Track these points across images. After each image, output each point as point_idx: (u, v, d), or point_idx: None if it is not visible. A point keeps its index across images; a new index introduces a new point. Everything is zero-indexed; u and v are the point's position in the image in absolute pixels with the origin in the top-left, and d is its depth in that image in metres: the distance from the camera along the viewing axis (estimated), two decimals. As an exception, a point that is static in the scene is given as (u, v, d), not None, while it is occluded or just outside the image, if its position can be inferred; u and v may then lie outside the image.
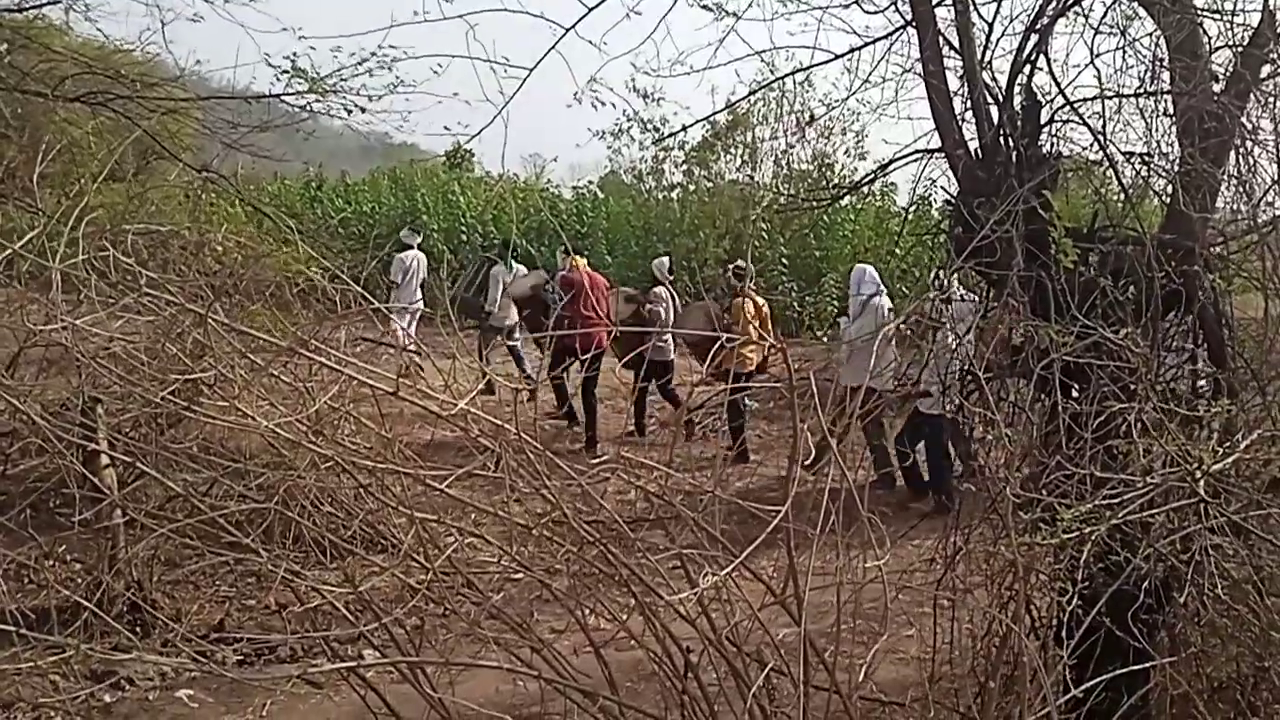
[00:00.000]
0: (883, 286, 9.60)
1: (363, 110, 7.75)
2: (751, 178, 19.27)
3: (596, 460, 3.19)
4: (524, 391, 5.47)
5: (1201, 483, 3.32)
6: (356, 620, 3.46)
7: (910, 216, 6.85)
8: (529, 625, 3.45)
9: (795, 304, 17.01)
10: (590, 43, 5.27)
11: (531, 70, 4.63)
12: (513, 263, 12.36)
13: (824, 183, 17.71)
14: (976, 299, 7.51)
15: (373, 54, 7.15)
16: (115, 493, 5.25)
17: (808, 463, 3.05)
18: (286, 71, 7.54)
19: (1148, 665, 3.69)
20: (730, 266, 10.85)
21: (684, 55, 5.54)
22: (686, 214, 19.25)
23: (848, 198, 19.27)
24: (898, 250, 14.81)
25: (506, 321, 12.08)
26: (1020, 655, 3.34)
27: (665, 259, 11.57)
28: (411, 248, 13.21)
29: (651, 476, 3.19)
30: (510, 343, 12.25)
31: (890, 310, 9.13)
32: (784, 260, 17.84)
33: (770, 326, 10.40)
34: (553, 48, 4.59)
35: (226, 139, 8.22)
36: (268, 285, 6.56)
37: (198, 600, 5.99)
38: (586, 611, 3.49)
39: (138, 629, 5.28)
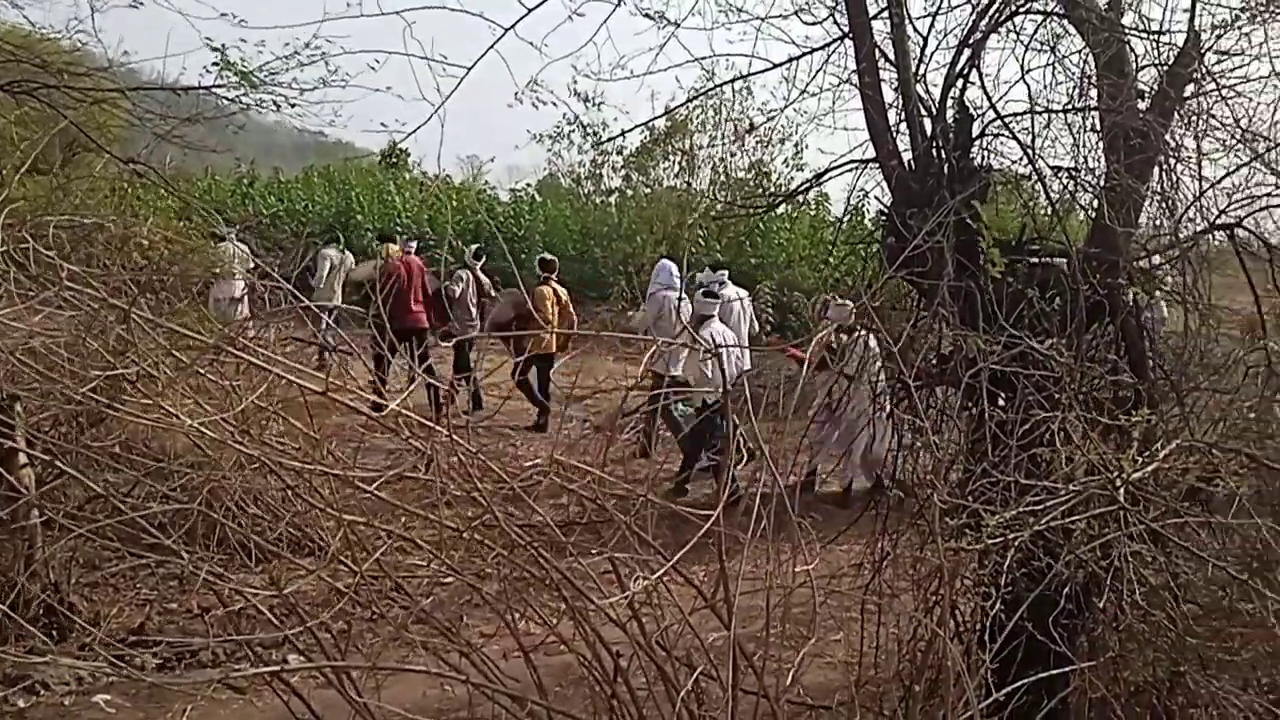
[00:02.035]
0: (676, 282, 10.88)
1: (292, 105, 7.62)
2: (689, 184, 19.37)
3: (529, 463, 3.16)
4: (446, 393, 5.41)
5: (1121, 491, 3.39)
6: (281, 624, 3.39)
7: (844, 225, 6.90)
8: (457, 629, 3.42)
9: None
10: (530, 44, 5.27)
11: (469, 69, 4.61)
12: (345, 249, 13.34)
13: (761, 191, 17.86)
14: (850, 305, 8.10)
15: (306, 45, 7.02)
16: (32, 492, 5.09)
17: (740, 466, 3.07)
18: (217, 63, 7.39)
19: (1067, 669, 3.76)
20: (539, 258, 12.24)
21: (625, 60, 5.57)
22: (624, 219, 19.29)
23: (783, 206, 19.51)
24: (831, 259, 14.97)
25: (331, 302, 12.57)
26: (944, 659, 3.38)
27: (474, 246, 12.91)
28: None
29: (584, 480, 3.18)
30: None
31: (681, 303, 10.24)
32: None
33: (570, 314, 11.71)
34: (491, 47, 4.58)
35: (156, 131, 8.01)
36: (195, 281, 6.42)
37: (117, 603, 5.83)
38: (517, 616, 3.47)
39: (54, 632, 5.13)
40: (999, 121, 4.42)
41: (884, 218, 4.57)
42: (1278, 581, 4.18)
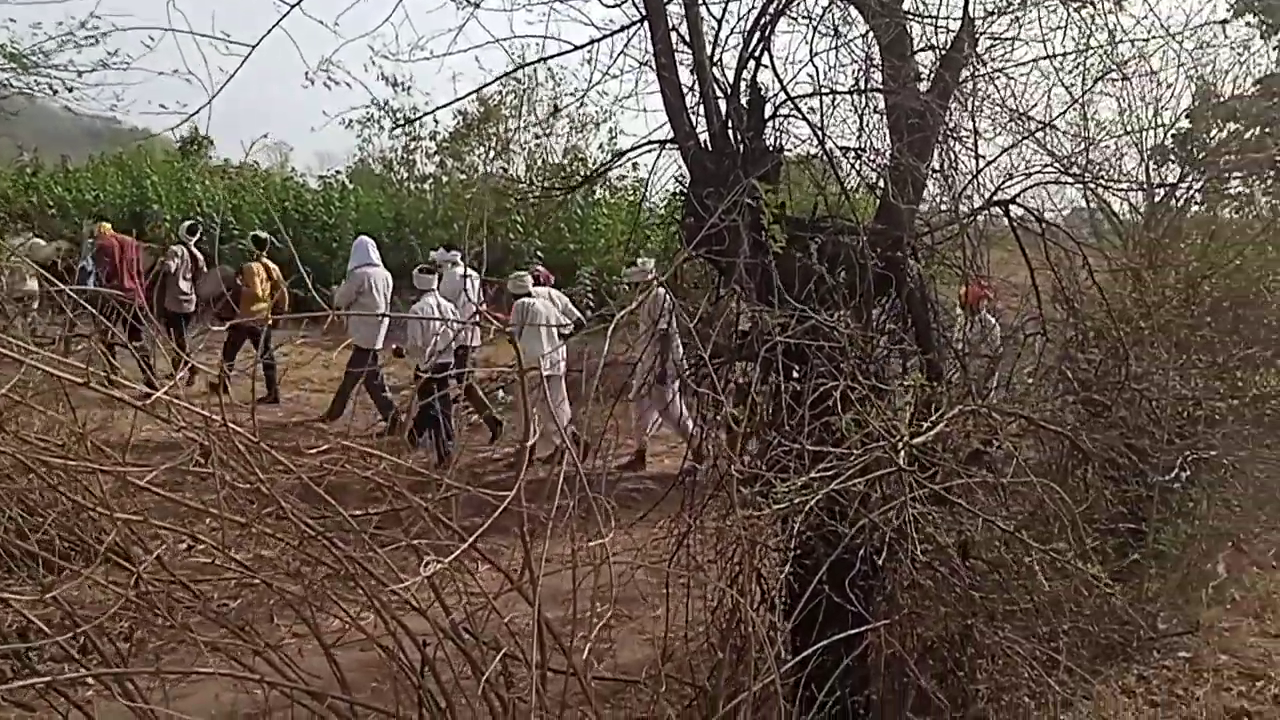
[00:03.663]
0: (375, 258, 11.41)
1: (70, 89, 7.14)
2: (505, 170, 19.22)
3: (314, 450, 3.06)
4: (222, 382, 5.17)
5: (902, 455, 3.54)
6: (61, 633, 3.18)
7: (643, 205, 7.04)
8: (253, 628, 3.29)
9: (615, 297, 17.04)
10: (321, 23, 5.10)
11: (254, 48, 4.41)
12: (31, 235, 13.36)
13: (575, 175, 17.90)
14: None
15: (82, 25, 6.59)
16: None
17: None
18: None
19: (864, 629, 3.92)
20: (251, 235, 12.79)
21: (424, 40, 5.45)
22: (440, 206, 18.98)
23: (602, 192, 19.61)
24: (649, 243, 15.13)
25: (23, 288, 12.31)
26: (747, 626, 3.47)
27: (188, 222, 13.53)
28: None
29: (379, 466, 3.10)
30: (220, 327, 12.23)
31: (386, 280, 11.26)
32: (539, 253, 17.89)
33: (283, 289, 12.09)
34: (277, 24, 4.40)
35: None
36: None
37: None
38: (317, 611, 3.36)
39: None
40: (789, 103, 4.54)
41: (682, 198, 4.63)
42: (1051, 535, 4.47)
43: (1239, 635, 5.78)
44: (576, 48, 5.34)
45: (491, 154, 19.38)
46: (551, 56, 5.57)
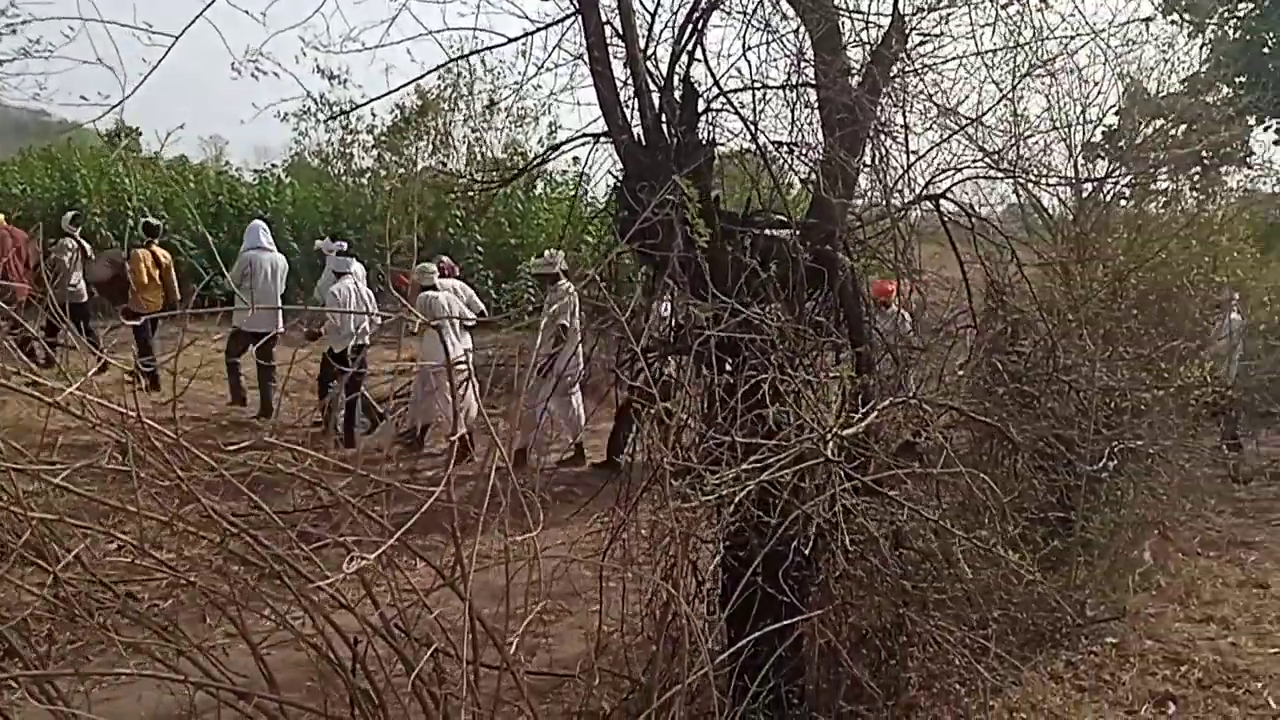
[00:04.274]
0: (265, 243, 11.51)
1: (-13, 81, 6.90)
2: (444, 164, 19.06)
3: (235, 445, 3.00)
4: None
5: (830, 447, 3.58)
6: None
7: (581, 199, 7.04)
8: (178, 628, 3.22)
9: (492, 291, 16.97)
10: (246, 13, 5.01)
11: (177, 38, 4.32)
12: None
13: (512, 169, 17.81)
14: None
15: (2, 13, 6.39)
16: None
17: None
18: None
19: (798, 619, 3.95)
20: (142, 222, 12.71)
21: (356, 31, 5.38)
22: (378, 200, 18.79)
23: (543, 187, 19.55)
24: (589, 238, 15.08)
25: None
26: (680, 618, 3.47)
27: (71, 213, 13.44)
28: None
29: (305, 464, 3.05)
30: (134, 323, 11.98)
31: (275, 265, 11.36)
32: (480, 248, 17.79)
33: (172, 277, 12.09)
34: (200, 14, 4.31)
35: None
36: None
37: None
38: (254, 610, 3.30)
39: None
40: (722, 97, 4.55)
41: (616, 191, 4.63)
42: (981, 525, 4.55)
43: (1164, 621, 5.92)
44: (510, 40, 5.31)
45: (430, 148, 19.22)
46: (484, 50, 5.54)
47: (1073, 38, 5.93)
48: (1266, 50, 22.46)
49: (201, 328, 11.02)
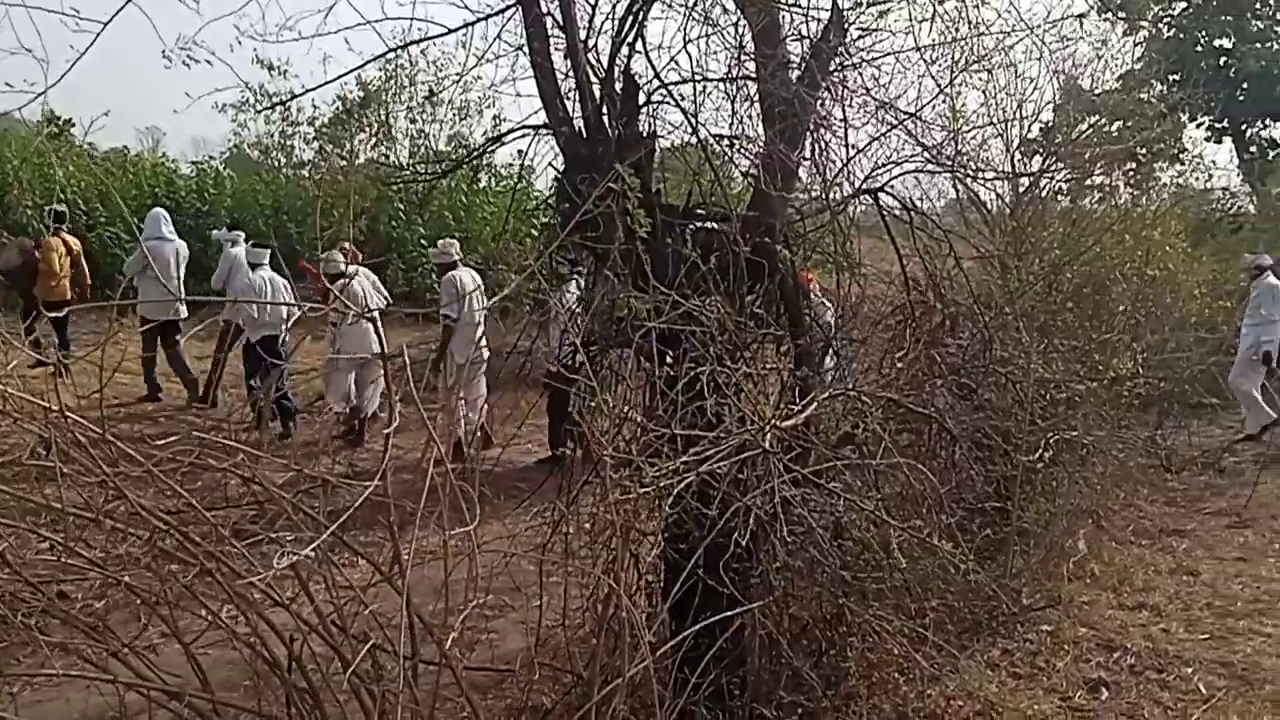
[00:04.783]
0: (166, 232, 11.49)
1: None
2: (387, 157, 18.87)
3: (164, 440, 2.94)
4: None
5: (768, 438, 3.59)
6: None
7: (524, 191, 7.01)
8: (108, 628, 3.16)
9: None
10: (181, 1, 4.90)
11: (105, 25, 4.21)
12: None
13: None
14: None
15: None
16: None
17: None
18: None
19: (739, 611, 3.96)
20: (51, 209, 12.44)
21: (293, 21, 5.30)
22: (320, 193, 18.51)
23: (487, 180, 19.41)
24: (535, 231, 15.02)
25: None
26: (621, 611, 3.47)
27: None
28: None
29: (236, 460, 3.00)
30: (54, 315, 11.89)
31: (177, 253, 11.42)
32: (423, 241, 17.61)
33: (84, 265, 12.05)
34: (128, 3, 4.21)
35: None
36: None
37: None
38: (187, 609, 3.24)
39: None
40: (663, 90, 4.54)
41: (558, 183, 4.60)
42: (920, 515, 4.60)
43: (1097, 608, 6.03)
44: (449, 31, 5.25)
45: (373, 141, 19.00)
46: (423, 40, 5.48)
47: (1009, 34, 6.03)
48: (1199, 48, 23.00)
49: (129, 320, 10.90)
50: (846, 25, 4.90)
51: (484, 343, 9.75)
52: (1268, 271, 10.78)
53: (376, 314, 3.04)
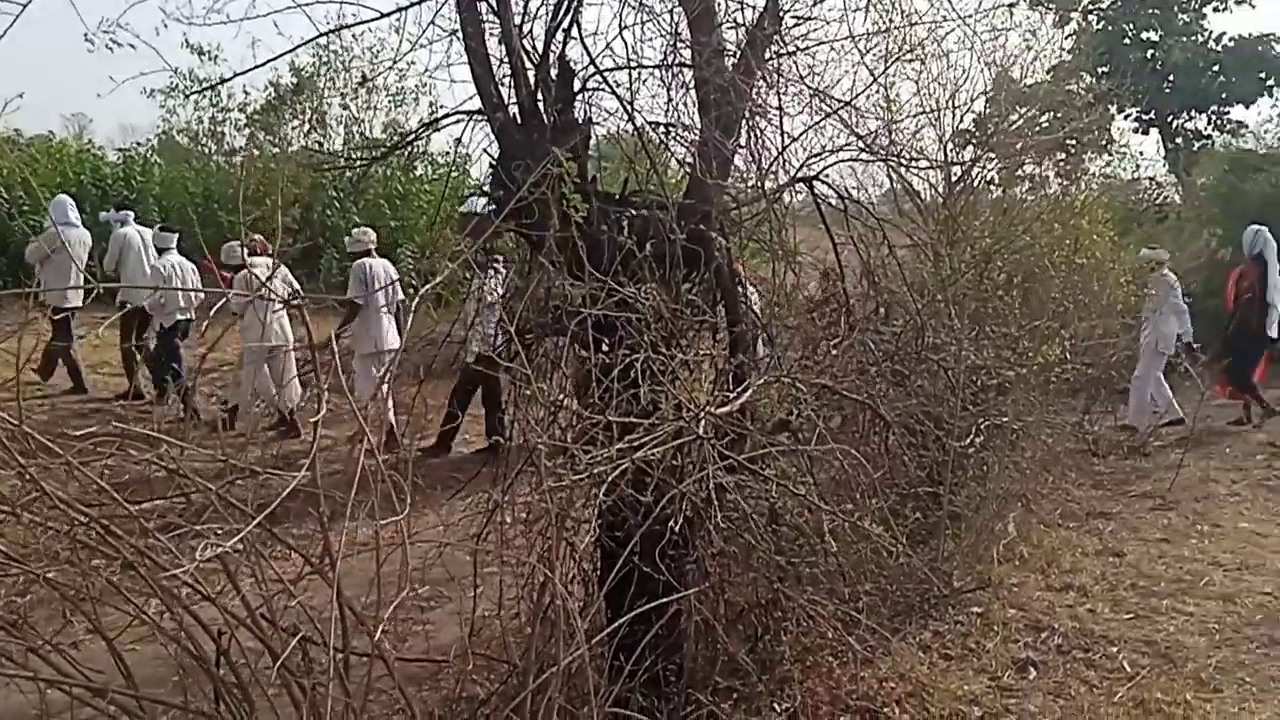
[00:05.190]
0: (73, 218, 11.45)
1: None
2: (321, 145, 18.58)
3: (82, 431, 2.87)
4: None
5: (702, 424, 3.60)
6: None
7: (460, 179, 6.95)
8: (28, 624, 3.08)
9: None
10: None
11: (25, 6, 4.08)
12: None
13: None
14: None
15: None
16: None
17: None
18: None
19: (675, 597, 3.97)
20: None
21: (221, 4, 5.18)
22: (251, 181, 18.17)
23: (424, 168, 19.20)
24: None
25: None
26: (556, 599, 3.46)
27: None
28: None
29: (160, 450, 2.93)
30: None
31: (81, 240, 11.26)
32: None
33: None
34: (47, -15, 4.07)
35: None
36: None
37: None
38: (111, 604, 3.17)
39: None
40: (598, 76, 4.52)
41: (493, 170, 4.56)
42: (854, 500, 4.65)
43: (1026, 590, 6.15)
44: (382, 15, 5.18)
45: (306, 128, 18.70)
46: (354, 25, 5.39)
47: (940, 23, 6.09)
48: (1126, 41, 23.49)
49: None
50: (781, 13, 4.91)
51: (393, 334, 9.90)
52: (1163, 266, 11.05)
53: (278, 304, 2.99)
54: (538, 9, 4.71)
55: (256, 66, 9.75)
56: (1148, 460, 9.96)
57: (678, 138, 4.75)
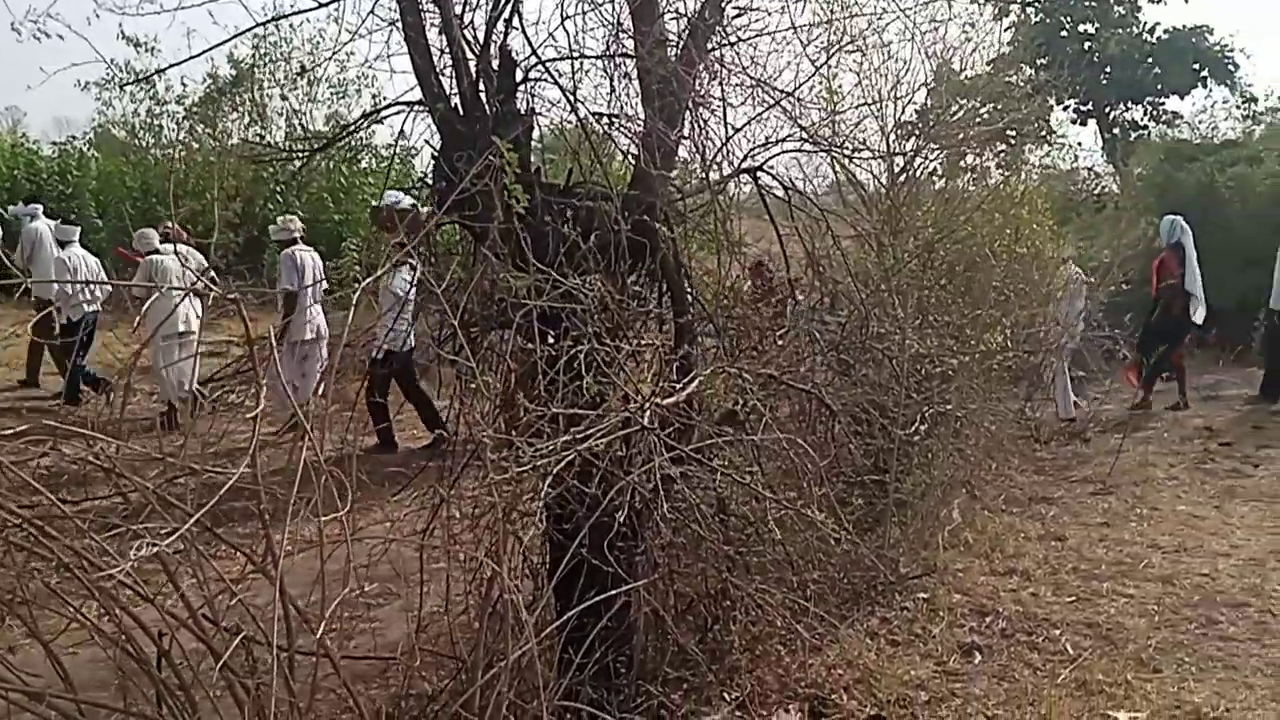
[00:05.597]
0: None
1: None
2: (262, 137, 18.31)
3: (7, 431, 2.80)
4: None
5: (647, 415, 3.60)
6: None
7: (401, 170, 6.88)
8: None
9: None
10: (28, -31, 4.66)
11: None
12: None
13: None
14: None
15: None
16: None
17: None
18: None
19: (624, 589, 3.97)
20: None
21: (155, -9, 5.07)
22: (190, 174, 17.87)
23: (367, 160, 18.99)
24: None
25: None
26: (503, 594, 3.44)
27: None
28: None
29: (95, 449, 2.87)
30: None
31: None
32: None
33: None
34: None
35: None
36: None
37: None
38: (46, 606, 3.10)
39: None
40: (540, 67, 4.49)
41: (434, 161, 4.51)
42: (801, 489, 4.68)
43: (971, 575, 6.22)
44: (320, 5, 5.10)
45: (246, 120, 18.42)
46: (291, 15, 5.32)
47: (881, 15, 6.14)
48: (1064, 33, 23.86)
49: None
50: (723, 3, 4.91)
51: (321, 324, 9.97)
52: (1068, 262, 11.24)
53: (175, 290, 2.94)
54: (477, -1, 4.67)
55: (192, 57, 9.57)
56: (1088, 446, 10.13)
57: (621, 129, 4.73)
